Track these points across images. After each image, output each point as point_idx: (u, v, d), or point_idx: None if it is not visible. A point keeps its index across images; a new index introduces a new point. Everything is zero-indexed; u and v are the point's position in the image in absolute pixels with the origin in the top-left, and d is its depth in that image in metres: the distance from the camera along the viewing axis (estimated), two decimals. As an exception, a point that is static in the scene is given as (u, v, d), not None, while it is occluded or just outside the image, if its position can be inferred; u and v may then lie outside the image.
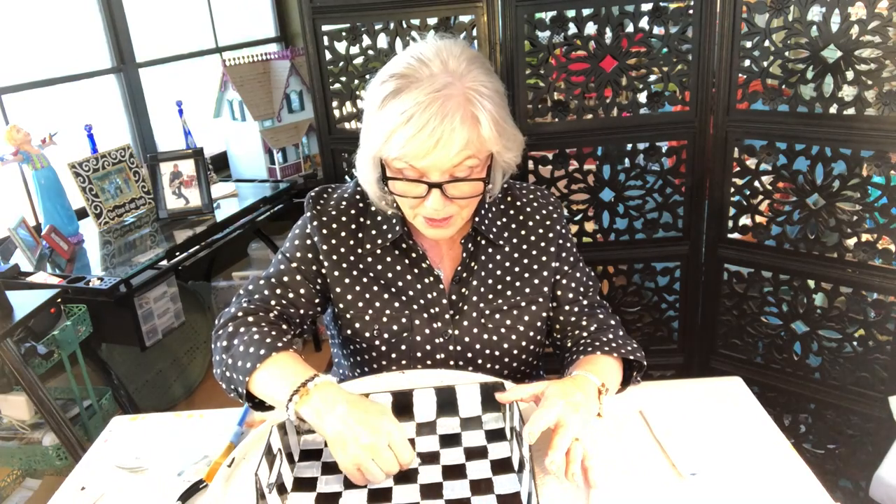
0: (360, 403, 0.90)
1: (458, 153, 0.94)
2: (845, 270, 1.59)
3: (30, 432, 1.83)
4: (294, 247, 1.14)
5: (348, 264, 1.12)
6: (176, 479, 0.97)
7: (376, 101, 0.98)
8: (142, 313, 1.99)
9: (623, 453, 0.95)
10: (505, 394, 0.97)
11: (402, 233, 1.10)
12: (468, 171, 0.98)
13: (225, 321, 1.06)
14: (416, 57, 0.98)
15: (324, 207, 1.14)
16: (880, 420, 1.59)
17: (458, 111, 0.93)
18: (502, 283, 1.13)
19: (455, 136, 0.93)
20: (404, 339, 1.11)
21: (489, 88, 0.98)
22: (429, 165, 0.96)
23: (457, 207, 1.01)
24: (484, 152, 0.99)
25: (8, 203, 2.31)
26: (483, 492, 0.86)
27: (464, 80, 0.96)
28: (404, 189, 1.00)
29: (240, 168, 3.06)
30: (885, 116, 1.45)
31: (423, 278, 1.11)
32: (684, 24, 1.61)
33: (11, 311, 1.59)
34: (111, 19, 2.64)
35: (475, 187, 1.00)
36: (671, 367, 1.93)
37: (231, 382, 1.00)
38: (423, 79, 0.95)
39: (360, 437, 0.85)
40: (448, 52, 0.98)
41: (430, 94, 0.93)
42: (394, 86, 0.96)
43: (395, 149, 0.95)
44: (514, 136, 1.03)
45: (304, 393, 0.90)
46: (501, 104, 1.00)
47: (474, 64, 0.99)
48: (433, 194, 0.98)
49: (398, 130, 0.94)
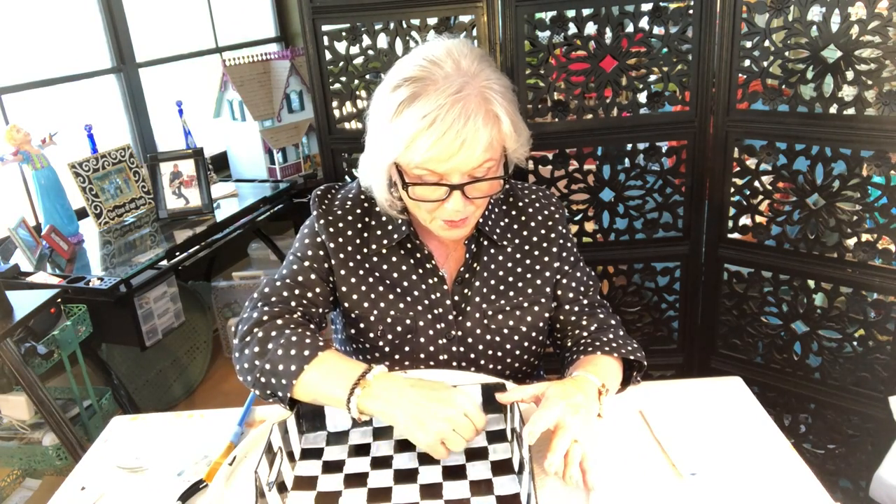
0: (423, 383, 0.92)
1: (481, 153, 0.94)
2: (845, 270, 1.59)
3: (30, 432, 1.83)
4: (305, 245, 1.13)
5: (354, 263, 1.12)
6: (176, 479, 0.97)
7: (390, 108, 0.96)
8: (142, 313, 2.00)
9: (623, 453, 0.95)
10: (505, 394, 0.97)
11: (408, 233, 1.10)
12: (486, 170, 0.98)
13: (250, 327, 1.02)
14: (428, 59, 0.97)
15: (329, 206, 1.14)
16: (880, 420, 1.59)
17: (479, 111, 0.93)
18: (505, 283, 1.13)
19: (479, 136, 0.93)
20: (408, 340, 1.10)
21: (501, 85, 0.99)
22: (451, 168, 0.95)
23: (474, 207, 1.01)
24: (500, 151, 0.99)
25: (8, 203, 2.31)
26: (483, 493, 0.86)
27: (478, 80, 0.96)
28: (424, 194, 0.99)
29: (240, 168, 3.06)
30: (885, 116, 1.45)
31: (428, 278, 1.11)
32: (684, 24, 1.61)
33: (11, 311, 1.59)
34: (111, 19, 2.64)
35: (493, 186, 1.00)
36: (671, 367, 1.93)
37: (269, 387, 0.97)
38: (439, 80, 0.94)
39: (438, 412, 0.87)
40: (459, 52, 0.98)
41: (450, 97, 0.92)
42: (409, 91, 0.95)
43: (417, 154, 0.94)
44: (524, 131, 1.04)
45: (365, 385, 0.91)
46: (513, 100, 1.01)
47: (484, 62, 0.99)
48: (454, 196, 0.97)
49: (421, 135, 0.93)
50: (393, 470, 0.91)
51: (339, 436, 0.99)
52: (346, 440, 0.98)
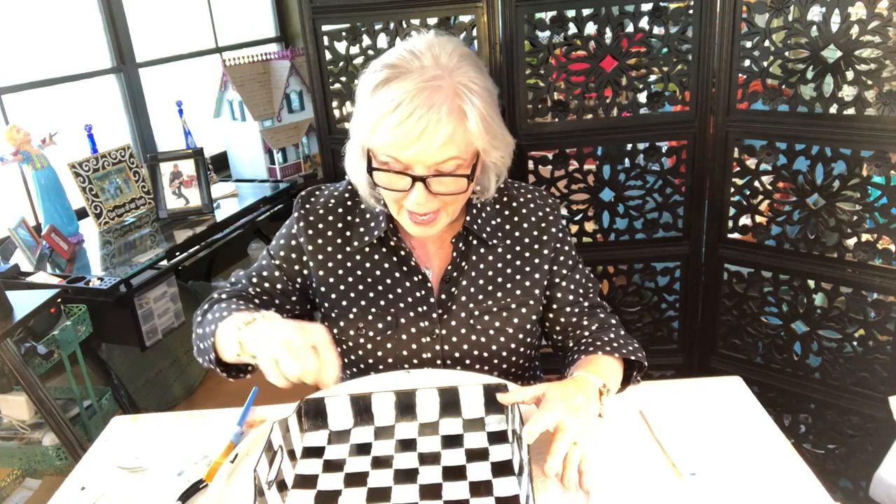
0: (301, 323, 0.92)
1: (441, 146, 0.94)
2: (845, 270, 1.59)
3: (30, 432, 1.83)
4: (279, 245, 1.17)
5: (334, 263, 1.13)
6: (176, 479, 0.97)
7: (367, 89, 0.99)
8: (142, 313, 2.00)
9: (623, 453, 0.95)
10: (506, 395, 0.96)
11: (387, 230, 1.10)
12: (453, 167, 0.98)
13: (203, 307, 1.11)
14: (409, 49, 0.99)
15: (312, 207, 1.15)
16: (880, 420, 1.59)
17: (444, 103, 0.94)
18: (493, 283, 1.13)
19: (440, 126, 0.93)
20: (388, 336, 1.11)
21: (479, 85, 0.98)
22: (412, 157, 0.95)
23: (440, 203, 1.01)
24: (469, 151, 0.99)
25: (8, 203, 2.31)
26: (482, 494, 0.86)
27: (454, 75, 0.97)
28: (388, 181, 1.00)
29: (240, 168, 3.06)
30: (885, 116, 1.45)
31: (411, 277, 1.11)
32: (684, 24, 1.61)
33: (11, 311, 1.59)
34: (111, 19, 2.64)
35: (459, 184, 1.00)
36: (671, 367, 1.93)
37: (203, 354, 1.04)
38: (414, 70, 0.96)
39: (283, 332, 0.87)
40: (440, 48, 0.99)
41: (418, 84, 0.94)
42: (384, 75, 0.97)
43: (380, 137, 0.96)
44: (501, 136, 1.03)
45: (251, 322, 0.92)
46: (491, 102, 1.00)
47: (465, 60, 0.99)
48: (417, 188, 0.98)
49: (385, 118, 0.94)
50: (393, 470, 0.91)
51: (341, 434, 0.99)
52: (347, 439, 0.98)
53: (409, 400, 0.99)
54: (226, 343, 0.96)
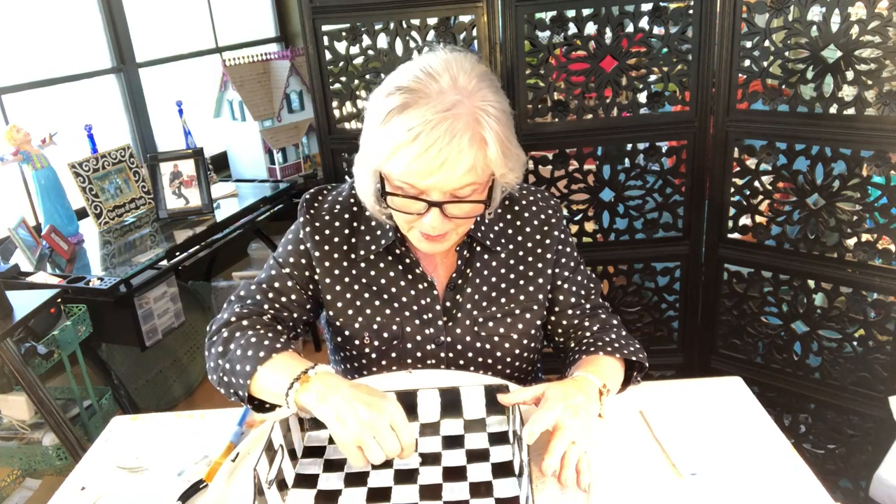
0: (362, 387, 0.90)
1: (462, 175, 0.92)
2: (845, 270, 1.59)
3: (30, 432, 1.83)
4: (287, 252, 1.13)
5: (340, 270, 1.11)
6: (176, 479, 0.97)
7: (380, 114, 0.95)
8: (142, 313, 2.00)
9: (623, 453, 0.95)
10: (506, 396, 0.96)
11: (395, 239, 1.09)
12: (469, 192, 0.96)
13: (218, 327, 1.05)
14: (425, 70, 0.95)
15: (317, 212, 1.13)
16: (880, 420, 1.59)
17: (466, 132, 0.91)
18: (497, 290, 1.12)
19: (462, 157, 0.91)
20: (394, 346, 1.10)
21: (497, 108, 0.95)
22: (431, 185, 0.93)
23: (453, 225, 1.00)
24: (486, 175, 0.97)
25: (8, 203, 2.31)
26: (482, 495, 0.86)
27: (473, 99, 0.93)
28: (403, 205, 0.98)
29: (240, 168, 3.06)
30: (885, 116, 1.45)
31: (417, 284, 1.10)
32: (684, 24, 1.61)
33: (11, 311, 1.59)
34: (111, 19, 2.64)
35: (475, 208, 0.98)
36: (671, 367, 1.93)
37: (230, 387, 0.99)
38: (432, 95, 0.92)
39: (361, 413, 0.84)
40: (458, 67, 0.95)
41: (438, 113, 0.90)
42: (400, 100, 0.93)
43: (398, 166, 0.93)
44: (517, 157, 1.00)
45: (305, 380, 0.90)
46: (508, 124, 0.98)
47: (484, 81, 0.96)
48: (432, 213, 0.96)
49: (403, 148, 0.91)
50: (393, 470, 0.91)
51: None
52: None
53: (410, 400, 0.99)
54: (272, 395, 0.94)
